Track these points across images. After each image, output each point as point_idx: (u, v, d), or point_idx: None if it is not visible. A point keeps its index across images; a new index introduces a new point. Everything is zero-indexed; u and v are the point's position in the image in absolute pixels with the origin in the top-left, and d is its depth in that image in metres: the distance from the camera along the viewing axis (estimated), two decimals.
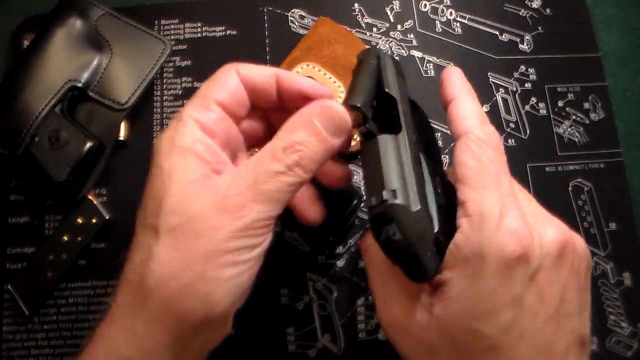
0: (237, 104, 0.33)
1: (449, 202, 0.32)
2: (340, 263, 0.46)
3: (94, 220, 0.46)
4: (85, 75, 0.48)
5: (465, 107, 0.33)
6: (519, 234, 0.28)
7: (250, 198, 0.28)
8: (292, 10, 0.53)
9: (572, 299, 0.30)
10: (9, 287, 0.45)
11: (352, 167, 0.49)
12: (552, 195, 0.48)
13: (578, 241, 0.31)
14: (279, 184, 0.28)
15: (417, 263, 0.28)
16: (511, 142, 0.50)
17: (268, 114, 0.36)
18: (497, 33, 0.53)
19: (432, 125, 0.48)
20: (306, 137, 0.29)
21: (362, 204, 0.46)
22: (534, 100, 0.51)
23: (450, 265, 0.29)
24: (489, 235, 0.28)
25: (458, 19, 0.53)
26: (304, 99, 0.33)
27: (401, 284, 0.31)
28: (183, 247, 0.27)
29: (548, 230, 0.30)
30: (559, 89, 0.51)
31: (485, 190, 0.29)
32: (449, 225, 0.30)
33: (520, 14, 0.53)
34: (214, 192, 0.28)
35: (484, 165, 0.30)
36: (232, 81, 0.32)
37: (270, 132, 0.36)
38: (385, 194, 0.28)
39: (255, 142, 0.36)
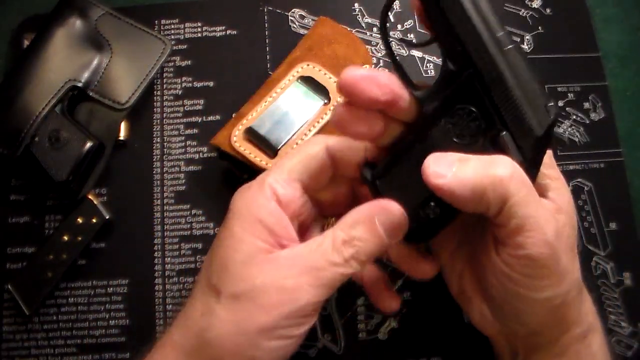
0: (318, 180, 0.34)
1: None
2: None
3: (94, 220, 0.46)
4: (85, 75, 0.48)
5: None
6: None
7: (307, 282, 0.30)
8: (292, 10, 0.53)
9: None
10: (9, 287, 0.45)
11: None
12: None
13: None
14: (334, 274, 0.30)
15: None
16: None
17: (353, 182, 0.36)
18: None
19: None
20: (365, 235, 0.31)
21: None
22: None
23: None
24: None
25: None
26: None
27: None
28: (242, 314, 0.30)
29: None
30: (559, 89, 0.51)
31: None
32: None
33: (521, 13, 0.53)
34: (277, 269, 0.30)
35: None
36: (318, 157, 0.34)
37: (353, 199, 0.36)
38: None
39: (335, 210, 0.37)
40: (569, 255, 0.32)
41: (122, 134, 0.49)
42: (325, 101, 0.46)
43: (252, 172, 0.45)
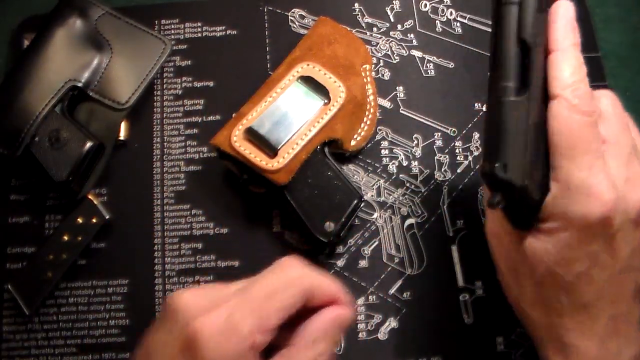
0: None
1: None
2: (340, 262, 0.46)
3: (94, 220, 0.46)
4: (85, 75, 0.48)
5: (562, 65, 0.33)
6: (604, 201, 0.31)
7: None
8: (292, 10, 0.53)
9: (638, 255, 0.34)
10: (9, 287, 0.45)
11: (351, 166, 0.49)
12: None
13: None
14: None
15: (518, 222, 0.34)
16: None
17: None
18: None
19: None
20: (327, 347, 0.31)
21: (362, 204, 0.46)
22: None
23: (542, 219, 0.33)
24: (574, 201, 0.32)
25: (458, 18, 0.53)
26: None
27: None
28: None
29: (635, 194, 0.32)
30: None
31: (574, 159, 0.32)
32: (546, 178, 0.33)
33: None
34: None
35: (574, 133, 0.32)
36: (297, 304, 0.31)
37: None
38: (497, 168, 0.31)
39: None
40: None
41: (122, 134, 0.49)
42: (325, 101, 0.46)
43: (252, 172, 0.45)
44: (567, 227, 0.32)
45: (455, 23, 0.53)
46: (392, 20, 0.53)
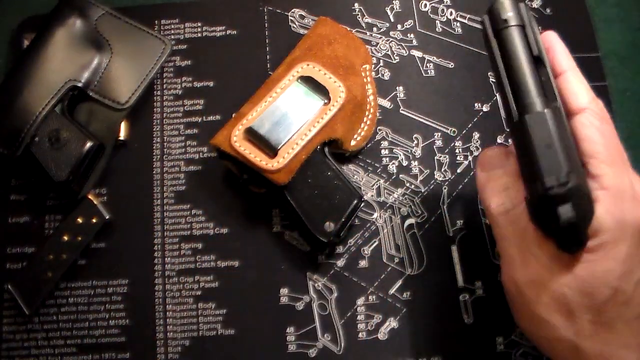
0: None
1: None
2: (340, 263, 0.46)
3: (94, 220, 0.46)
4: (85, 75, 0.48)
5: (577, 82, 0.35)
6: None
7: None
8: (292, 10, 0.53)
9: None
10: (9, 287, 0.45)
11: (352, 166, 0.49)
12: None
13: None
14: None
15: (579, 239, 0.32)
16: None
17: None
18: None
19: None
20: None
21: (362, 204, 0.46)
22: None
23: (595, 234, 0.32)
24: (628, 206, 0.32)
25: (458, 18, 0.53)
26: None
27: (542, 246, 0.33)
28: None
29: None
30: None
31: (616, 164, 0.32)
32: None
33: None
34: None
35: (609, 140, 0.33)
36: None
37: None
38: (564, 176, 0.30)
39: None
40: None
41: (122, 134, 0.49)
42: (325, 101, 0.46)
43: (252, 172, 0.45)
44: (626, 236, 0.31)
45: (455, 23, 0.53)
46: (392, 20, 0.53)
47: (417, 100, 0.51)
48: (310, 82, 0.46)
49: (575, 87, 0.35)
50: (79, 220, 0.46)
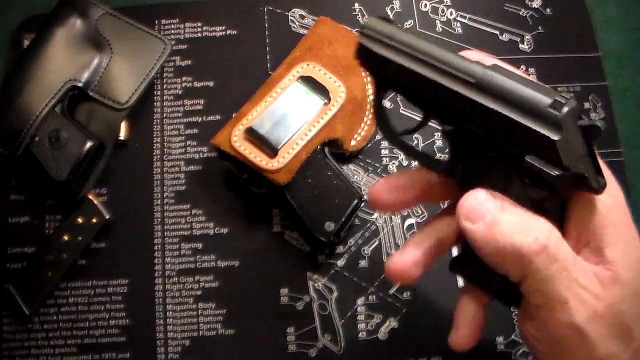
0: None
1: None
2: (340, 262, 0.46)
3: (94, 220, 0.46)
4: (85, 75, 0.48)
5: None
6: None
7: None
8: (292, 10, 0.53)
9: None
10: (9, 287, 0.45)
11: (352, 166, 0.49)
12: None
13: None
14: None
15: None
16: None
17: None
18: (498, 33, 0.53)
19: None
20: None
21: (362, 204, 0.46)
22: None
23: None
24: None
25: (458, 18, 0.53)
26: None
27: (586, 272, 0.28)
28: None
29: None
30: (559, 89, 0.51)
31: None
32: None
33: (521, 13, 0.53)
34: None
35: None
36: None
37: None
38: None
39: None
40: (618, 338, 0.27)
41: (122, 134, 0.49)
42: (325, 101, 0.46)
43: (252, 172, 0.45)
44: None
45: (455, 23, 0.53)
46: (392, 20, 0.53)
47: None
48: (310, 82, 0.46)
49: None
50: (79, 220, 0.46)
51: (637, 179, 0.49)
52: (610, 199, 0.28)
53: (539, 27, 0.53)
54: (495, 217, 0.27)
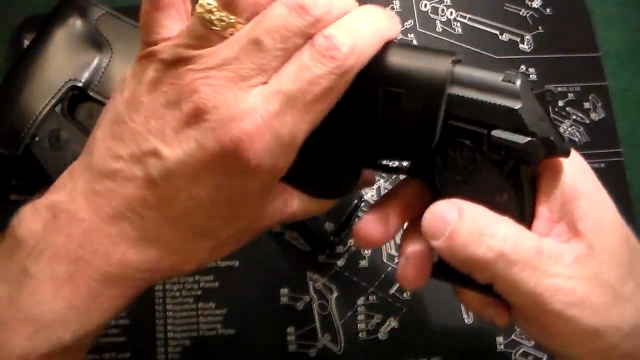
0: None
1: None
2: (340, 262, 0.46)
3: None
4: (85, 75, 0.48)
5: None
6: None
7: None
8: None
9: None
10: None
11: None
12: None
13: None
14: None
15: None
16: None
17: None
18: (498, 33, 0.53)
19: None
20: None
21: (362, 204, 0.46)
22: None
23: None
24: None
25: (458, 18, 0.53)
26: None
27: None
28: None
29: None
30: (559, 89, 0.51)
31: None
32: None
33: (521, 13, 0.53)
34: None
35: None
36: None
37: None
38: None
39: None
40: (608, 305, 0.26)
41: None
42: None
43: None
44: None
45: (455, 23, 0.53)
46: None
47: None
48: None
49: None
50: None
51: (637, 179, 0.49)
52: (575, 169, 0.28)
53: (539, 27, 0.53)
54: (453, 230, 0.27)
